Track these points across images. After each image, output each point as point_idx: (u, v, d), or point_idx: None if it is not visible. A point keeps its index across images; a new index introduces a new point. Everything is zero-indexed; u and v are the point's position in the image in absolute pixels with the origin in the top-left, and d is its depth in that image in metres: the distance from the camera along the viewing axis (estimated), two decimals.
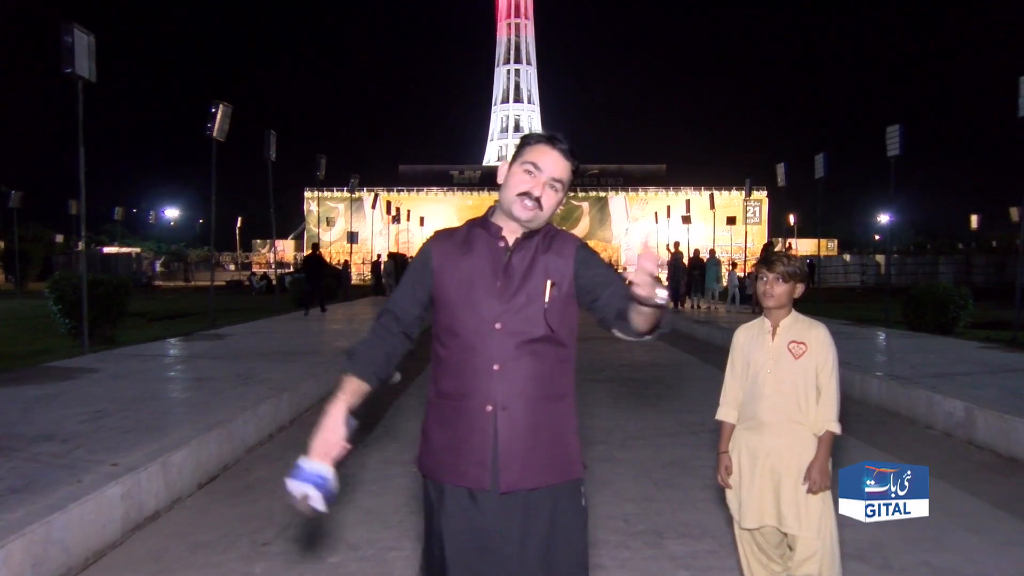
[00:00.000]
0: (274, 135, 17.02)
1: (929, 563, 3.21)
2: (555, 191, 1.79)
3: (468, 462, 1.73)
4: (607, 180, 64.31)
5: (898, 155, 13.63)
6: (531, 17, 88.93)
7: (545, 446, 1.75)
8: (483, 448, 1.72)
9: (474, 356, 1.74)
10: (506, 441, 1.72)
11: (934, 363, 7.93)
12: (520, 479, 1.72)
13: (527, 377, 1.74)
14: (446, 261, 1.81)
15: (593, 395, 7.16)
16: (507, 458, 1.72)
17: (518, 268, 1.77)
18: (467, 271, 1.78)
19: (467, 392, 1.75)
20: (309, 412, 6.56)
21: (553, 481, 1.76)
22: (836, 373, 2.39)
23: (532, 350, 1.74)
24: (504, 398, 1.72)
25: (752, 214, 54.21)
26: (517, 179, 1.78)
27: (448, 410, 1.79)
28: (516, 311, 1.74)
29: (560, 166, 1.79)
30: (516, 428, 1.73)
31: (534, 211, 1.76)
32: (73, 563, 3.13)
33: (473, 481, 1.73)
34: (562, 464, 1.78)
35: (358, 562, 3.27)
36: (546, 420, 1.76)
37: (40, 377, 6.82)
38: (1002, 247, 47.80)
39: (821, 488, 2.33)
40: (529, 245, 1.80)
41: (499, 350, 1.72)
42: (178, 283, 41.83)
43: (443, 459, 1.78)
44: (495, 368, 1.72)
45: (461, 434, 1.75)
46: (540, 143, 1.80)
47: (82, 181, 9.03)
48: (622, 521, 3.73)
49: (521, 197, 1.76)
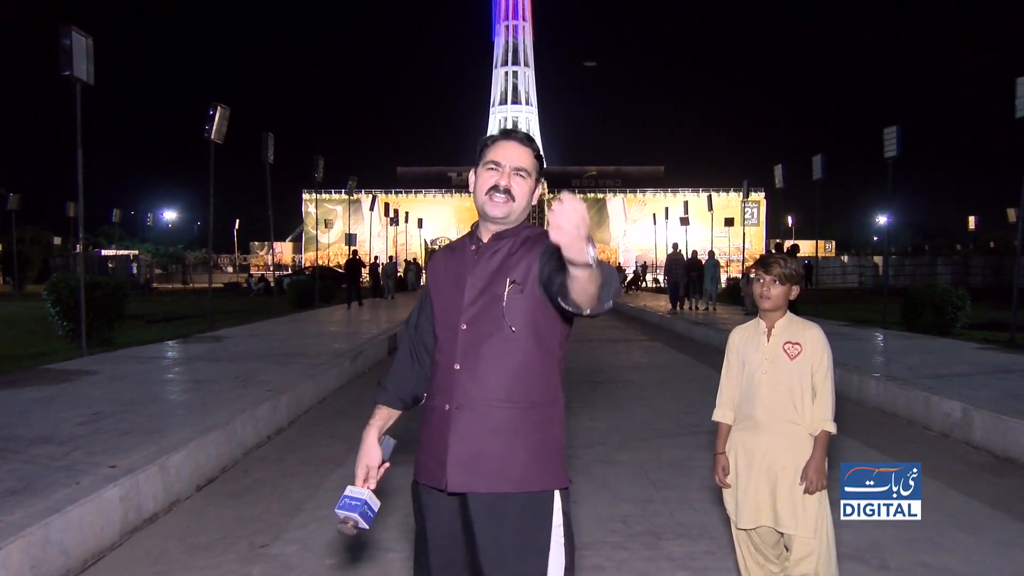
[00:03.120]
0: (272, 137, 17.03)
1: (926, 564, 3.22)
2: (523, 179, 1.79)
3: (432, 460, 1.75)
4: (605, 182, 64.39)
5: (896, 156, 13.64)
6: (529, 19, 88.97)
7: (507, 451, 1.69)
8: (441, 446, 1.72)
9: (443, 356, 1.77)
10: (457, 440, 1.70)
11: (932, 364, 7.95)
12: (465, 482, 1.68)
13: (485, 378, 1.70)
14: (435, 273, 1.90)
15: (591, 397, 7.16)
16: (454, 458, 1.70)
17: (486, 268, 1.77)
18: (446, 276, 1.84)
19: (435, 391, 1.79)
20: (307, 414, 6.56)
21: (506, 489, 1.67)
22: (831, 373, 2.41)
23: (494, 351, 1.71)
24: (460, 397, 1.71)
25: (750, 215, 54.24)
26: (483, 179, 1.80)
27: (425, 411, 1.84)
28: (480, 311, 1.73)
29: (520, 154, 1.80)
30: (468, 429, 1.70)
31: (507, 203, 1.77)
32: (72, 565, 3.13)
33: (433, 480, 1.74)
34: (531, 473, 1.69)
35: (357, 563, 3.27)
36: (510, 425, 1.70)
37: (38, 379, 6.81)
38: (1000, 248, 47.86)
39: (818, 488, 2.34)
40: (500, 246, 1.79)
41: (461, 349, 1.73)
42: (176, 285, 41.79)
43: (419, 458, 1.82)
44: (456, 367, 1.73)
45: (428, 433, 1.80)
46: (496, 141, 1.83)
47: (80, 183, 9.04)
48: (620, 522, 3.74)
49: (490, 193, 1.77)
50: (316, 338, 11.50)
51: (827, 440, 2.39)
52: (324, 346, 10.01)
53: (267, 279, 31.61)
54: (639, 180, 63.93)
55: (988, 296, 21.13)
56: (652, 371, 9.30)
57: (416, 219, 47.92)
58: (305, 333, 12.39)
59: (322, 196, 53.55)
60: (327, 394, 7.41)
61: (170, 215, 61.32)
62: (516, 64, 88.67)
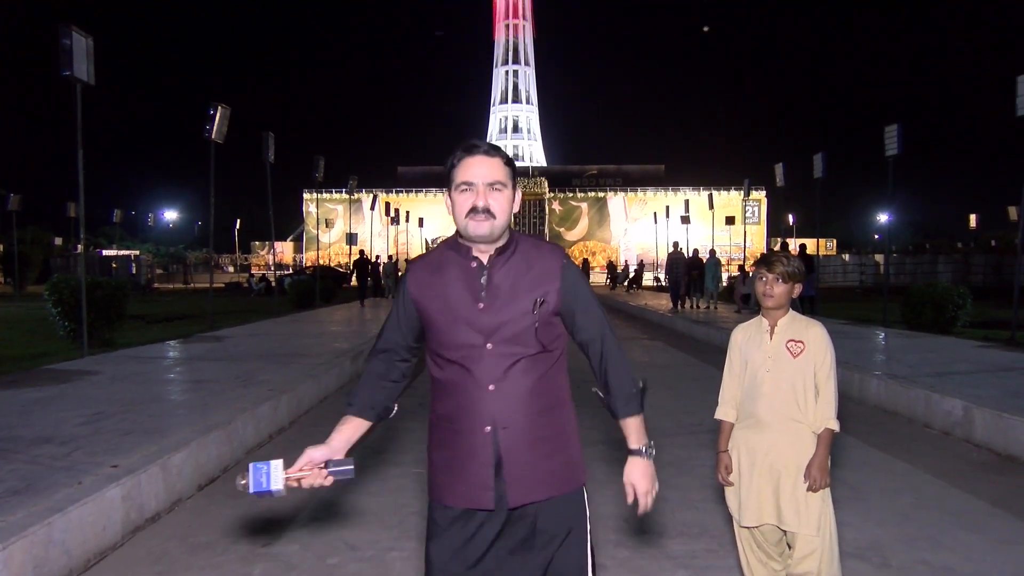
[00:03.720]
0: (272, 137, 17.03)
1: (927, 562, 3.22)
2: (500, 191, 1.73)
3: (468, 484, 1.72)
4: (606, 180, 64.43)
5: (897, 155, 13.63)
6: (529, 18, 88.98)
7: (549, 458, 1.75)
8: (483, 470, 1.71)
9: (467, 378, 1.72)
10: (510, 458, 1.71)
11: (933, 362, 7.95)
12: (528, 493, 1.72)
13: (523, 394, 1.72)
14: (422, 288, 1.79)
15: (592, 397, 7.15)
16: (513, 474, 1.71)
17: (501, 286, 1.74)
18: (445, 295, 1.76)
19: (463, 414, 1.73)
20: (308, 414, 6.56)
21: (561, 492, 1.77)
22: (834, 371, 2.41)
23: (525, 367, 1.73)
24: (503, 417, 1.71)
25: (751, 214, 54.28)
26: (459, 202, 1.73)
27: (446, 432, 1.78)
28: (505, 330, 1.71)
29: (489, 167, 1.73)
30: (518, 444, 1.72)
31: (488, 222, 1.71)
32: (74, 565, 3.14)
33: (475, 501, 1.72)
34: (567, 473, 1.79)
35: (357, 563, 3.27)
36: (547, 433, 1.76)
37: (39, 380, 6.82)
38: (1001, 246, 47.83)
39: (821, 486, 2.35)
40: (508, 262, 1.77)
41: (492, 370, 1.71)
42: (177, 285, 41.81)
43: (442, 480, 1.77)
44: (490, 388, 1.71)
45: (460, 456, 1.74)
46: (462, 159, 1.74)
47: (81, 184, 9.04)
48: (621, 521, 3.74)
49: (470, 216, 1.71)
50: (317, 338, 11.50)
51: (830, 438, 2.39)
52: (325, 346, 10.02)
53: (268, 279, 31.60)
54: (640, 179, 63.97)
55: (989, 295, 21.12)
56: (652, 370, 9.30)
57: (417, 218, 47.93)
58: (306, 333, 12.40)
59: (323, 196, 53.61)
60: (328, 394, 7.42)
61: (171, 215, 61.36)
62: (517, 63, 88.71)
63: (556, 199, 62.17)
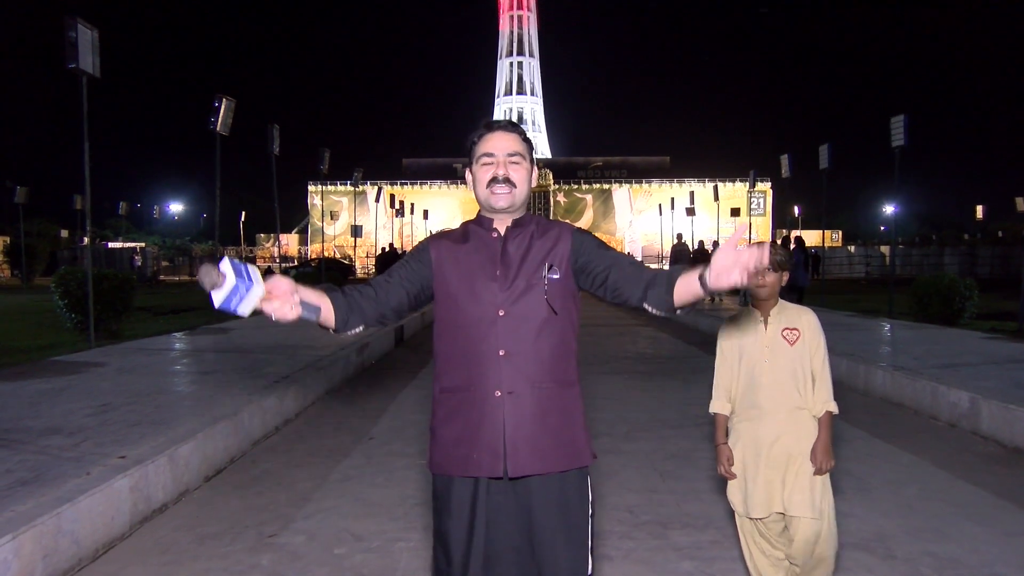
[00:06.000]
0: (278, 129, 17.01)
1: (933, 553, 3.22)
2: (519, 164, 1.85)
3: (481, 451, 1.76)
4: (611, 172, 64.16)
5: (903, 146, 13.56)
6: (534, 9, 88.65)
7: (553, 432, 1.79)
8: (495, 434, 1.75)
9: (480, 344, 1.77)
10: (514, 426, 1.75)
11: (939, 354, 7.92)
12: (528, 464, 1.75)
13: (532, 362, 1.77)
14: (446, 255, 1.87)
15: (598, 387, 7.17)
16: (515, 443, 1.75)
17: (515, 256, 1.82)
18: (466, 263, 1.84)
19: (475, 381, 1.78)
20: (314, 405, 6.59)
21: (562, 468, 1.79)
22: (827, 356, 2.46)
23: (536, 335, 1.78)
24: (511, 383, 1.76)
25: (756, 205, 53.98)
26: (480, 174, 1.86)
27: (456, 402, 1.81)
28: (517, 297, 1.78)
29: (509, 140, 1.85)
30: (524, 413, 1.76)
31: (509, 192, 1.83)
32: (83, 555, 3.17)
33: (487, 470, 1.75)
34: (570, 451, 1.81)
35: (364, 553, 3.29)
36: (553, 406, 1.80)
37: (47, 371, 6.86)
38: (1008, 238, 47.64)
39: (827, 468, 2.37)
40: (523, 232, 1.86)
41: (504, 336, 1.76)
42: (183, 277, 41.94)
43: (453, 452, 1.79)
44: (501, 354, 1.76)
45: (472, 424, 1.78)
46: (483, 135, 1.87)
47: (87, 176, 9.06)
48: (626, 512, 3.75)
49: (491, 186, 1.83)
50: (323, 330, 11.51)
51: (831, 420, 2.43)
52: (330, 338, 10.02)
53: (273, 271, 31.66)
54: (645, 170, 63.70)
55: (996, 286, 20.99)
56: (658, 361, 9.30)
57: (422, 211, 47.90)
58: (312, 325, 12.39)
59: (328, 188, 53.58)
60: (333, 385, 7.44)
61: (176, 207, 61.58)
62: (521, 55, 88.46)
63: (561, 191, 62.04)
